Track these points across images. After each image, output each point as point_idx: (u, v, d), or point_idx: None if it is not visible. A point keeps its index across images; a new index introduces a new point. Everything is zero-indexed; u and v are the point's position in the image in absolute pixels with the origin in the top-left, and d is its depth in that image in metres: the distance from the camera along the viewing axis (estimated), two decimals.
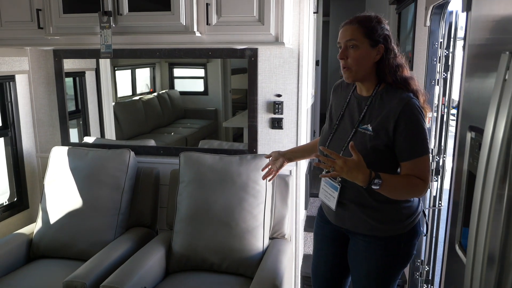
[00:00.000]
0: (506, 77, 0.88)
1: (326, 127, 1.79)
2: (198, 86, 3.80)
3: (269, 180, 2.08)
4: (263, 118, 2.67)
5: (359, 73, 1.57)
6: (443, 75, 2.31)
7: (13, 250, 2.50)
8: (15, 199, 2.94)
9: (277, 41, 2.23)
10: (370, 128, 1.56)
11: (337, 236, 1.81)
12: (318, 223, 1.91)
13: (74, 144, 2.94)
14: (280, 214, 2.51)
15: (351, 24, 1.56)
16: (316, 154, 1.60)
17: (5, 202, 2.90)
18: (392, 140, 1.52)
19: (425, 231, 2.14)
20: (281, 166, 2.01)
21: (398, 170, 1.60)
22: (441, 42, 2.27)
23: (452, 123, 2.29)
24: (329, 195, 1.68)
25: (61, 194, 2.61)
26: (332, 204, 1.67)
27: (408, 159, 1.51)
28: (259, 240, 2.36)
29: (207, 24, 2.26)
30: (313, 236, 1.96)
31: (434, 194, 2.49)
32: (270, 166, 2.03)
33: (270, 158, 2.04)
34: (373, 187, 1.44)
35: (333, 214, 1.73)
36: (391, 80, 1.57)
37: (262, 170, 2.09)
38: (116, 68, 3.35)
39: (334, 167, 1.43)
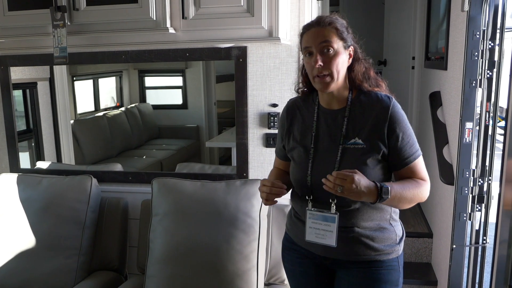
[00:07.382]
0: None
1: (297, 154, 1.66)
2: (175, 98, 3.64)
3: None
4: (255, 134, 2.48)
5: (339, 80, 1.53)
6: (487, 73, 2.05)
7: None
8: None
9: (271, 36, 2.09)
10: (359, 141, 1.55)
11: (320, 271, 1.73)
12: (293, 259, 1.79)
13: (25, 171, 2.77)
14: (277, 254, 2.26)
15: (321, 25, 1.53)
16: (325, 180, 1.45)
17: None
18: (387, 147, 1.54)
19: (465, 272, 2.08)
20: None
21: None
22: (483, 31, 2.01)
23: (499, 138, 2.08)
24: (324, 231, 1.60)
25: (10, 231, 2.45)
26: (331, 241, 1.56)
27: (409, 163, 1.55)
28: (252, 287, 2.16)
29: (183, 18, 2.14)
30: (287, 273, 1.86)
31: (477, 228, 2.21)
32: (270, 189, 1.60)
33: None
34: (384, 196, 1.44)
35: (319, 245, 1.64)
36: (367, 87, 1.58)
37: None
38: (74, 78, 3.20)
39: (344, 186, 1.38)
